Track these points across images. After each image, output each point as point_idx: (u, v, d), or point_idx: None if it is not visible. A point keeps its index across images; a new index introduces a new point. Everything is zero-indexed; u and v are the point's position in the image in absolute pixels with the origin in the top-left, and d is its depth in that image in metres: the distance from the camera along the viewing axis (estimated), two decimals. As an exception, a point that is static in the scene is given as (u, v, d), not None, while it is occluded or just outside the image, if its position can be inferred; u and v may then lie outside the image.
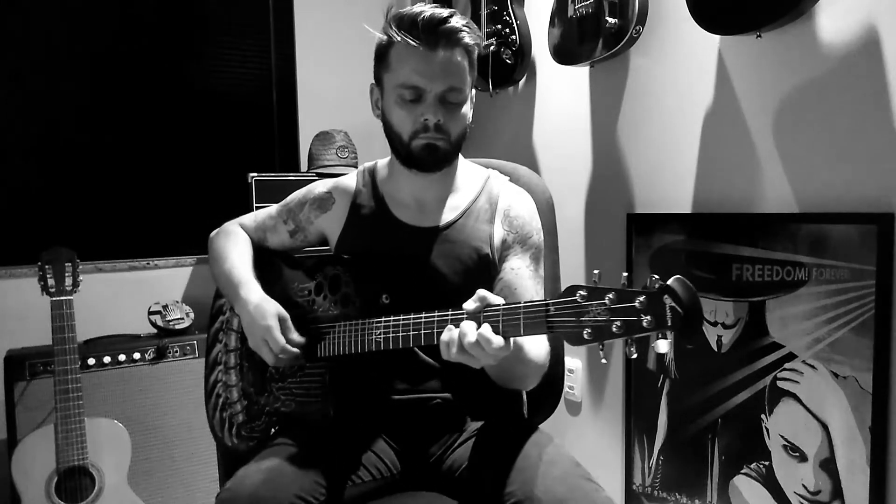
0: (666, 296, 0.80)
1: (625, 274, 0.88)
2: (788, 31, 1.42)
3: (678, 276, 0.81)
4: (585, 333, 0.86)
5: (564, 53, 1.88)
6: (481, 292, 0.97)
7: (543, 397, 1.39)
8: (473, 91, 1.24)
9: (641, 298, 0.81)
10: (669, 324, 0.80)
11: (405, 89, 1.15)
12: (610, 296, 0.84)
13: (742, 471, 1.56)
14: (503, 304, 0.95)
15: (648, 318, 0.81)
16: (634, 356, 0.86)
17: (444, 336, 0.96)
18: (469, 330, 0.93)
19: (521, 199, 1.30)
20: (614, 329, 0.84)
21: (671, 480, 1.73)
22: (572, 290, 0.88)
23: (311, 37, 2.62)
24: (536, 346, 1.12)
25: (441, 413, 1.21)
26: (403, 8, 1.17)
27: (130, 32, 2.37)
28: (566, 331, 0.89)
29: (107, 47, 2.34)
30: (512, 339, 0.95)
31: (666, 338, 0.82)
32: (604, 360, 0.91)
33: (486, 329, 0.92)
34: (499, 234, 1.24)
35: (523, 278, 1.21)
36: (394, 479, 1.19)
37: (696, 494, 1.66)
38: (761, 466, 1.51)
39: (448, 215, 1.25)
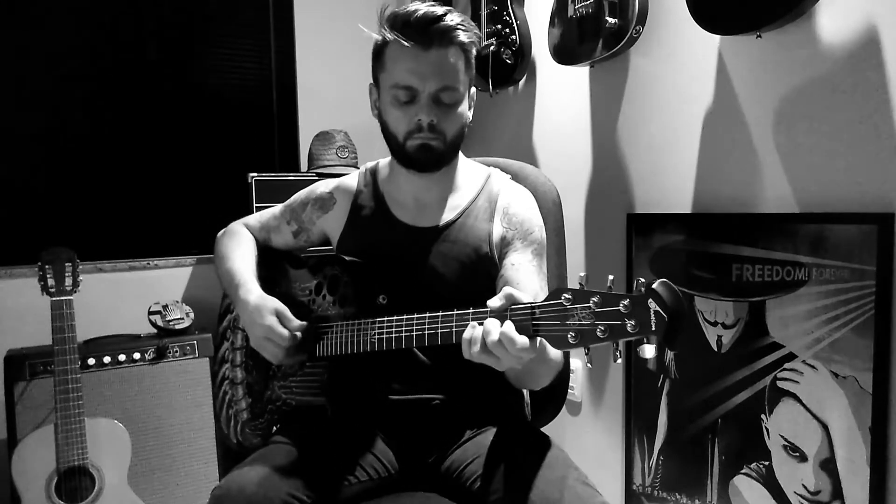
0: (650, 300, 0.78)
1: (610, 277, 0.87)
2: (788, 31, 1.42)
3: (664, 279, 0.79)
4: (570, 337, 0.85)
5: (564, 53, 1.88)
6: (507, 290, 0.94)
7: (547, 399, 1.39)
8: (473, 90, 1.23)
9: (626, 302, 0.80)
10: (653, 329, 0.78)
11: (399, 90, 1.14)
12: (595, 299, 0.83)
13: (742, 471, 1.56)
14: (491, 308, 0.93)
15: (632, 322, 0.79)
16: (619, 361, 0.85)
17: (466, 334, 0.93)
18: (493, 328, 0.90)
19: (520, 196, 1.29)
20: (598, 333, 0.82)
21: (671, 480, 1.73)
22: (558, 292, 0.87)
23: (311, 37, 2.62)
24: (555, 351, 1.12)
25: (440, 414, 1.21)
26: (399, 7, 1.16)
27: (131, 32, 2.37)
28: (551, 334, 0.87)
29: (107, 47, 2.34)
30: (539, 341, 0.91)
31: (651, 343, 0.81)
32: (589, 365, 0.89)
33: (510, 328, 0.89)
34: (498, 231, 1.24)
35: (525, 273, 1.19)
36: (391, 479, 1.19)
37: (696, 494, 1.66)
38: (761, 466, 1.51)
39: (447, 215, 1.25)
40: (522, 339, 0.88)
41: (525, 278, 1.19)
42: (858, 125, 1.33)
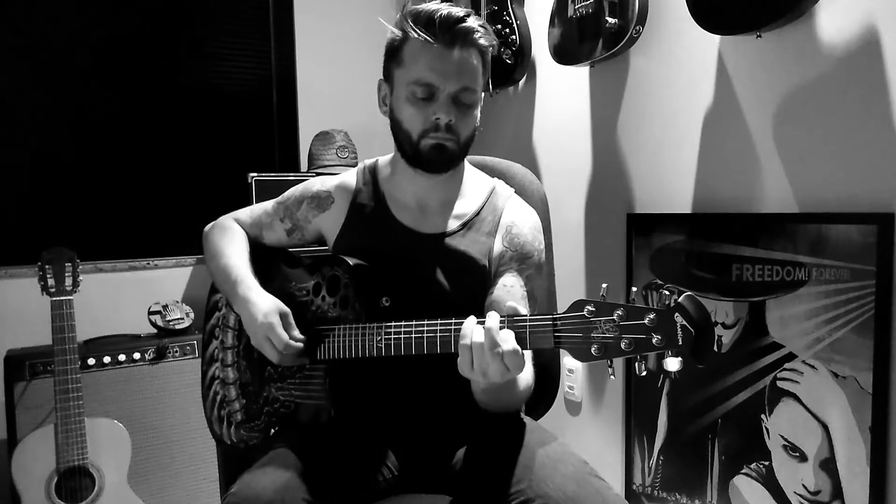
0: (677, 314, 0.79)
1: (634, 289, 0.87)
2: (788, 31, 1.42)
3: (690, 293, 0.80)
4: (593, 350, 0.85)
5: (564, 53, 1.88)
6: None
7: (540, 394, 1.38)
8: (483, 94, 1.22)
9: (651, 316, 0.80)
10: (680, 343, 0.79)
11: (418, 86, 1.13)
12: (619, 312, 0.83)
13: (742, 471, 1.56)
14: (507, 316, 0.94)
15: (658, 336, 0.80)
16: (644, 374, 0.85)
17: (477, 338, 0.94)
18: (508, 337, 0.91)
19: (524, 217, 1.27)
20: (623, 346, 0.83)
21: (671, 480, 1.73)
22: (580, 304, 0.87)
23: (311, 36, 2.62)
24: (524, 374, 1.12)
25: (442, 415, 1.21)
26: (418, 5, 1.15)
27: (131, 32, 2.37)
28: (573, 346, 0.88)
29: (107, 47, 2.34)
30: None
31: (676, 356, 0.81)
32: (612, 377, 0.90)
33: (511, 337, 0.92)
34: (498, 247, 1.23)
35: (515, 297, 1.19)
36: (395, 481, 1.19)
37: (696, 494, 1.66)
38: (761, 466, 1.51)
39: (451, 224, 1.24)
40: (518, 350, 0.91)
41: (513, 303, 1.19)
42: (858, 125, 1.33)
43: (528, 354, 1.17)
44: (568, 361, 2.05)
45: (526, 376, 1.14)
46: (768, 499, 1.50)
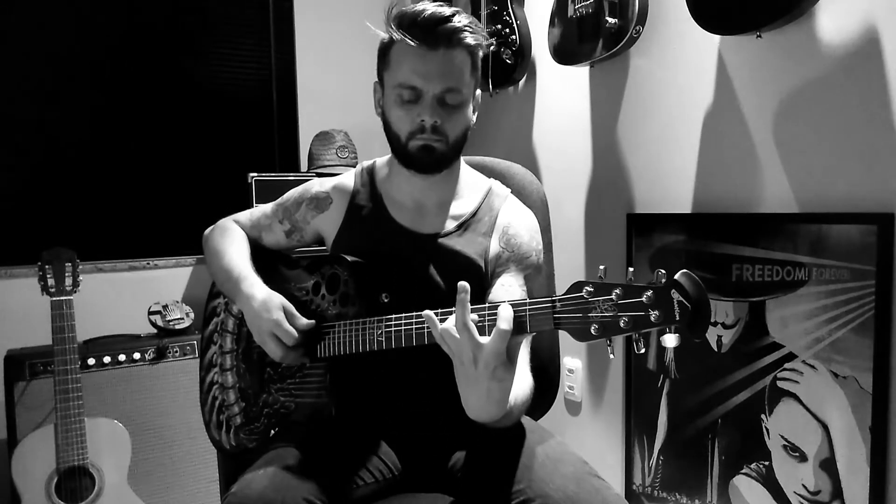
0: (673, 290, 0.79)
1: (630, 269, 0.88)
2: (788, 31, 1.42)
3: (685, 270, 0.81)
4: (593, 329, 0.86)
5: (564, 53, 1.88)
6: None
7: (540, 394, 1.38)
8: (478, 93, 1.22)
9: (649, 293, 0.81)
10: (678, 318, 0.79)
11: (403, 89, 1.13)
12: (617, 291, 0.84)
13: (742, 471, 1.56)
14: (507, 301, 0.94)
15: (656, 312, 0.80)
16: (643, 351, 0.86)
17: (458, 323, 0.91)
18: (504, 311, 0.89)
19: (521, 218, 1.27)
20: (622, 324, 0.83)
21: (671, 480, 1.73)
22: (578, 285, 0.88)
23: (311, 37, 2.62)
24: (520, 387, 1.08)
25: (442, 414, 1.21)
26: (406, 6, 1.15)
27: (131, 32, 2.37)
28: (573, 326, 0.88)
29: (107, 47, 2.34)
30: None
31: (674, 332, 0.82)
32: (612, 356, 0.90)
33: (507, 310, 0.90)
34: (494, 248, 1.23)
35: (514, 296, 1.18)
36: (396, 480, 1.19)
37: (696, 494, 1.66)
38: (761, 466, 1.51)
39: (448, 224, 1.24)
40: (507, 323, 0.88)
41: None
42: (858, 125, 1.33)
43: (522, 361, 1.14)
44: (568, 361, 2.05)
45: (521, 390, 1.09)
46: (768, 499, 1.50)
